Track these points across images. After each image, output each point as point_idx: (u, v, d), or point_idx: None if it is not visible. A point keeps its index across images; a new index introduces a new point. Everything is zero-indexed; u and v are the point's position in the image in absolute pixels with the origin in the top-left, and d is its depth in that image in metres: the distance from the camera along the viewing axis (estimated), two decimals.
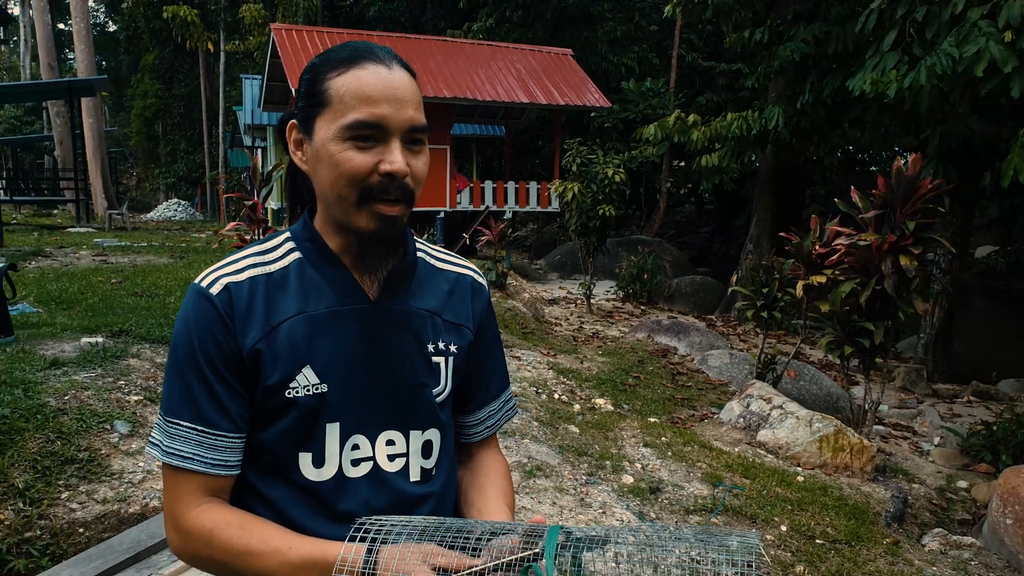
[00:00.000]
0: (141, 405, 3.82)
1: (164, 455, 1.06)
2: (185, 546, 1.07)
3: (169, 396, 1.07)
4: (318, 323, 1.09)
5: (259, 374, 1.07)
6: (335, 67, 1.06)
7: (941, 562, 3.84)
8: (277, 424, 1.08)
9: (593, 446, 4.79)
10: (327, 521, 1.10)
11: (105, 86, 19.19)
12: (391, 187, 1.05)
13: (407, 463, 1.16)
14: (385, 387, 1.13)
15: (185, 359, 1.06)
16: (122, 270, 7.85)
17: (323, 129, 1.05)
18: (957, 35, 6.39)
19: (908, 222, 4.88)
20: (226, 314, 1.06)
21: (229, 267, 1.11)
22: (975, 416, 6.93)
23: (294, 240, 1.15)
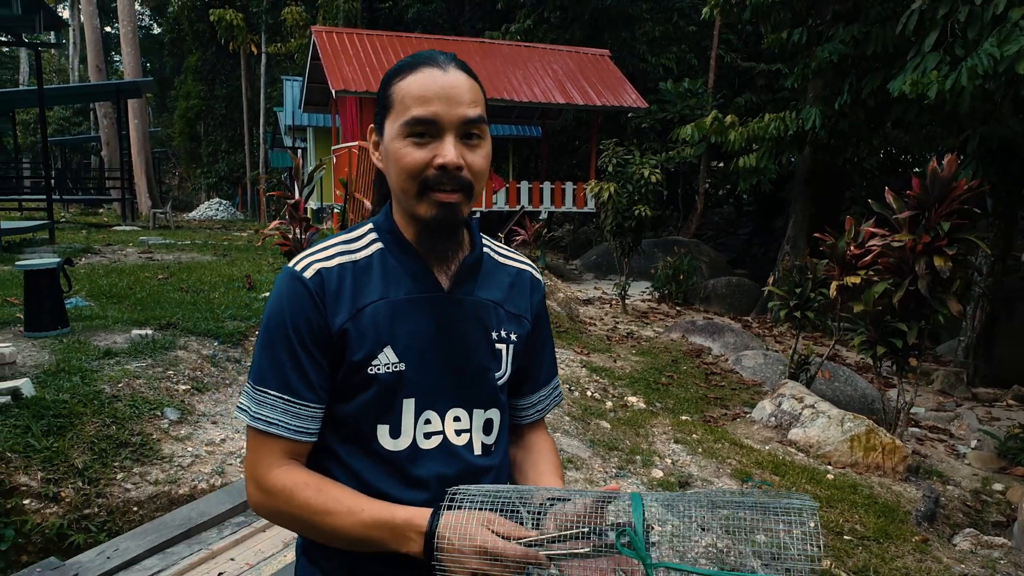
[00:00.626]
0: (189, 394, 3.99)
1: (251, 419, 1.16)
2: (265, 502, 1.17)
3: (259, 367, 1.17)
4: (398, 308, 1.20)
5: (345, 351, 1.17)
6: (399, 73, 1.19)
7: (970, 560, 3.84)
8: (359, 397, 1.19)
9: (624, 441, 4.87)
10: (402, 486, 1.20)
11: (150, 88, 19.68)
12: (445, 179, 1.14)
13: (471, 438, 1.26)
14: (454, 369, 1.24)
15: (277, 335, 1.16)
16: (168, 267, 8.11)
17: (389, 129, 1.18)
18: (999, 35, 6.34)
19: (942, 223, 4.87)
20: (318, 296, 1.16)
21: (320, 254, 1.21)
22: (1014, 420, 6.85)
23: (376, 231, 1.26)
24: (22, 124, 32.02)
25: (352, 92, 13.98)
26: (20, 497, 2.97)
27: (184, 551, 2.63)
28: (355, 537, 1.13)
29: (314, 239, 5.73)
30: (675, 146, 17.48)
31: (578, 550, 1.05)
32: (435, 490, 1.21)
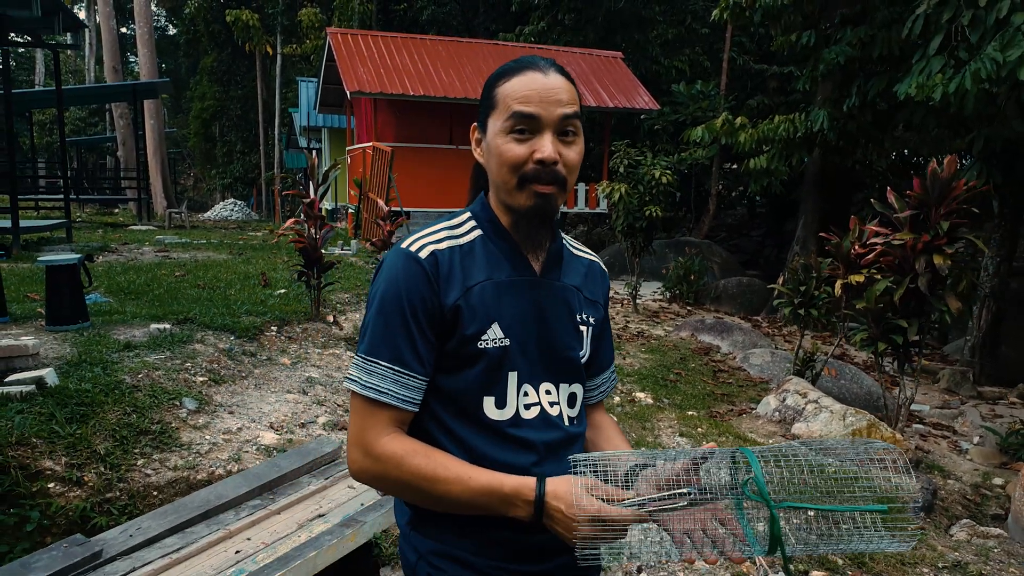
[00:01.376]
0: (206, 385, 4.14)
1: (363, 388, 1.25)
2: (372, 467, 1.25)
3: (372, 339, 1.26)
4: (501, 288, 1.31)
5: (458, 326, 1.27)
6: (503, 76, 1.31)
7: (964, 548, 3.93)
8: (469, 370, 1.28)
9: (630, 434, 4.98)
10: (511, 450, 1.29)
11: (166, 89, 19.93)
12: (543, 173, 1.25)
13: (560, 410, 1.36)
14: (547, 346, 1.35)
15: (392, 309, 1.25)
16: (184, 265, 8.28)
17: (492, 127, 1.30)
18: (1001, 39, 6.40)
19: (942, 222, 4.95)
20: (432, 275, 1.26)
21: (430, 237, 1.32)
22: (1017, 417, 6.90)
23: (475, 219, 1.37)
24: (38, 124, 32.43)
25: (367, 93, 14.15)
26: (45, 481, 3.11)
27: (203, 531, 2.76)
28: (462, 502, 1.22)
29: (329, 236, 5.87)
30: (687, 148, 17.54)
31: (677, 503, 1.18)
32: (542, 453, 1.32)
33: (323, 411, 4.19)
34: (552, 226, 1.39)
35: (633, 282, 12.00)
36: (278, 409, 4.09)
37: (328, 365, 5.05)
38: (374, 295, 1.29)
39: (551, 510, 1.18)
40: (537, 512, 1.18)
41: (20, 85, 39.81)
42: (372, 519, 2.88)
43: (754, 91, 22.02)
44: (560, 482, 1.19)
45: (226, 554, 2.60)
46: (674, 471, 1.22)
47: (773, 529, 1.15)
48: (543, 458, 1.32)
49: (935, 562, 3.73)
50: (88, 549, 2.49)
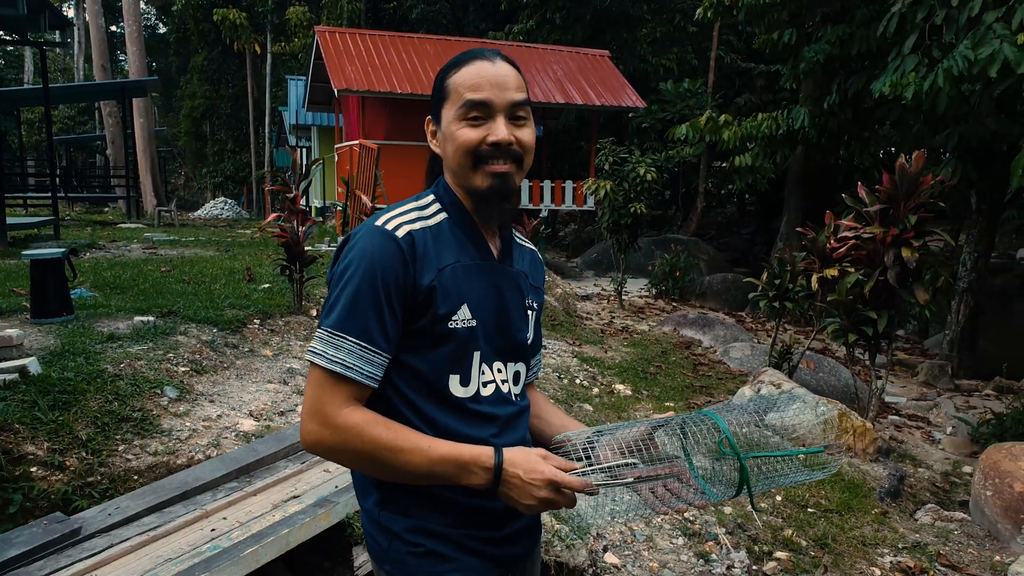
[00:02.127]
0: (188, 375, 4.22)
1: (328, 362, 1.27)
2: (331, 438, 1.27)
3: (341, 314, 1.27)
4: (469, 271, 1.37)
5: (431, 306, 1.31)
6: (453, 68, 1.38)
7: (926, 531, 4.05)
8: (439, 349, 1.34)
9: (604, 422, 5.08)
10: (474, 424, 1.37)
11: (156, 87, 19.94)
12: (498, 153, 1.34)
13: (509, 387, 1.45)
14: (503, 328, 1.42)
15: (365, 286, 1.27)
16: (171, 261, 8.35)
17: (446, 116, 1.36)
18: (973, 37, 6.53)
19: (910, 216, 5.07)
20: (409, 255, 1.30)
21: (403, 217, 1.36)
22: (990, 408, 7.04)
23: (440, 202, 1.43)
24: (27, 123, 32.32)
25: (354, 91, 14.21)
26: (27, 465, 3.19)
27: (180, 511, 2.85)
28: (421, 472, 1.27)
29: (312, 231, 5.96)
30: (675, 146, 17.66)
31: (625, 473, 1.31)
32: (501, 426, 1.41)
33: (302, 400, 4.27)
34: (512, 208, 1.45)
35: (619, 278, 12.12)
36: (258, 398, 4.18)
37: None
38: (344, 270, 1.30)
39: (508, 476, 1.25)
40: (495, 479, 1.26)
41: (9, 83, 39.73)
42: (345, 500, 2.98)
43: (742, 89, 22.17)
44: (516, 452, 1.28)
45: (202, 532, 2.69)
46: (632, 436, 1.36)
47: (743, 476, 1.29)
48: (502, 430, 1.41)
49: (896, 543, 3.85)
50: (67, 526, 2.58)
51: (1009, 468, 3.98)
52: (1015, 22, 6.25)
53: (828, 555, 3.66)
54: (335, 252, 1.37)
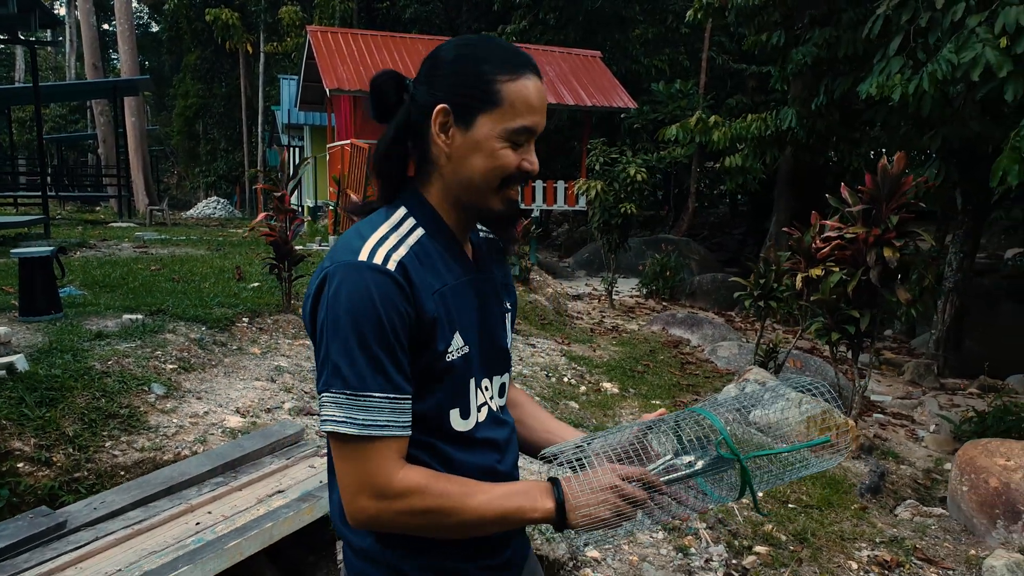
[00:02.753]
0: (176, 372, 4.26)
1: (360, 428, 1.12)
2: (393, 507, 1.14)
3: (355, 372, 1.11)
4: (455, 292, 1.24)
5: (432, 340, 1.18)
6: (504, 71, 1.20)
7: (904, 526, 4.11)
8: (436, 388, 1.21)
9: (590, 420, 5.14)
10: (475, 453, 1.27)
11: (148, 86, 19.93)
12: (523, 179, 1.24)
13: (496, 403, 1.36)
14: (490, 342, 1.32)
15: (372, 333, 1.11)
16: (161, 260, 8.38)
17: (488, 126, 1.19)
18: (956, 41, 6.61)
19: (892, 216, 5.14)
20: (407, 287, 1.15)
21: (384, 244, 1.19)
22: (972, 407, 7.12)
23: (414, 216, 1.26)
24: (18, 122, 32.22)
25: (346, 91, 14.25)
26: (15, 460, 3.23)
27: (165, 505, 2.89)
28: (494, 513, 1.16)
29: (300, 230, 5.99)
30: (666, 146, 17.74)
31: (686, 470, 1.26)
32: (502, 451, 1.33)
33: (290, 397, 4.32)
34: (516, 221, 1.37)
35: (609, 278, 12.18)
36: (245, 395, 4.22)
37: (297, 355, 5.18)
38: (336, 320, 1.12)
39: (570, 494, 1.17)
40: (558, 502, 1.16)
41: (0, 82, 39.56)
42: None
43: (733, 90, 22.28)
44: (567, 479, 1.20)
45: (187, 525, 2.73)
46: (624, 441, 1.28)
47: (745, 478, 1.24)
48: (503, 456, 1.33)
49: (874, 537, 3.91)
50: (53, 519, 2.62)
51: (985, 464, 4.05)
52: (997, 26, 6.33)
53: (807, 549, 3.72)
54: (309, 296, 1.19)
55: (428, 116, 1.22)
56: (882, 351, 10.68)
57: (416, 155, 1.28)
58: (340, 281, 1.14)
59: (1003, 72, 6.21)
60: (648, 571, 3.26)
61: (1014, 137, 6.18)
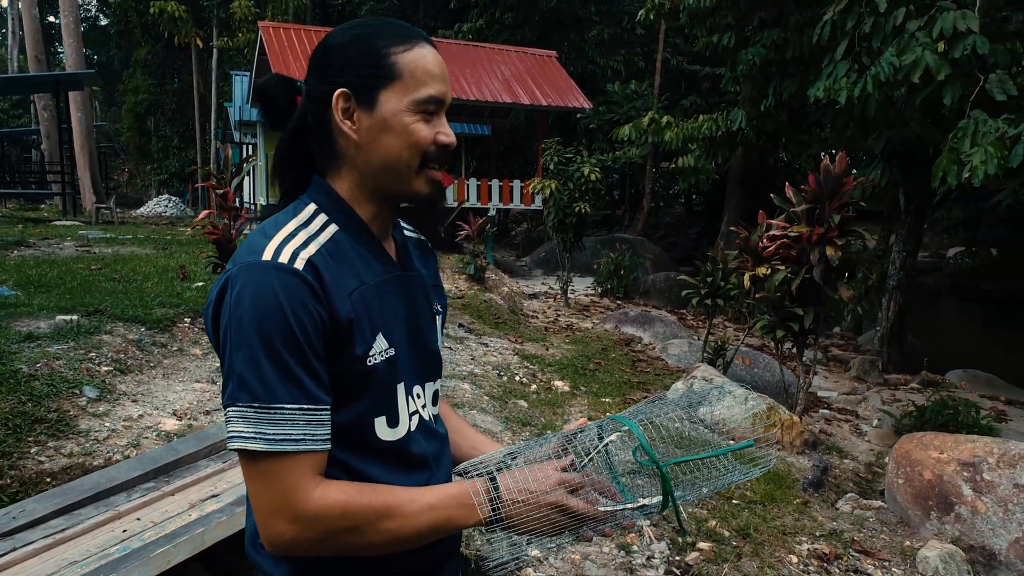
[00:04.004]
0: (111, 375, 4.14)
1: (270, 444, 1.02)
2: (312, 530, 1.04)
3: (263, 382, 1.02)
4: (375, 291, 1.15)
5: (349, 344, 1.09)
6: (398, 43, 1.14)
7: (843, 519, 4.19)
8: (359, 395, 1.12)
9: (539, 418, 5.14)
10: (403, 472, 1.17)
11: (92, 80, 19.43)
12: (443, 155, 1.17)
13: (429, 412, 1.27)
14: (419, 346, 1.24)
15: (281, 340, 1.02)
16: (103, 259, 8.16)
17: (392, 101, 1.12)
18: (898, 45, 6.76)
19: (834, 215, 5.23)
20: (319, 288, 1.06)
21: (292, 242, 1.10)
22: (912, 401, 7.29)
23: (324, 212, 1.17)
24: None
25: None
26: None
27: (91, 512, 2.79)
28: (423, 526, 1.08)
29: (244, 228, 5.89)
30: (622, 146, 17.86)
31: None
32: (432, 467, 1.23)
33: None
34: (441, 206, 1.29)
35: (564, 277, 12.22)
36: (184, 397, 4.12)
37: None
38: (240, 325, 1.03)
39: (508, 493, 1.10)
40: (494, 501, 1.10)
41: None
42: None
43: (688, 91, 22.53)
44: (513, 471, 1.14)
45: (112, 533, 2.64)
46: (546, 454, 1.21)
47: (665, 487, 1.18)
48: (434, 472, 1.24)
49: (814, 531, 3.96)
50: None
51: (919, 457, 4.14)
52: (935, 31, 6.48)
53: (749, 544, 3.76)
54: (211, 304, 1.09)
55: (328, 108, 1.15)
56: (830, 348, 10.89)
57: (322, 153, 1.20)
58: (243, 284, 1.04)
59: (941, 75, 6.36)
60: (590, 569, 3.26)
61: (952, 139, 6.33)
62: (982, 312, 15.26)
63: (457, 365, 6.41)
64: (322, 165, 1.20)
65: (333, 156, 1.19)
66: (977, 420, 6.11)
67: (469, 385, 5.50)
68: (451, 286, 10.12)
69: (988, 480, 3.84)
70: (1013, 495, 3.73)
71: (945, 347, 10.96)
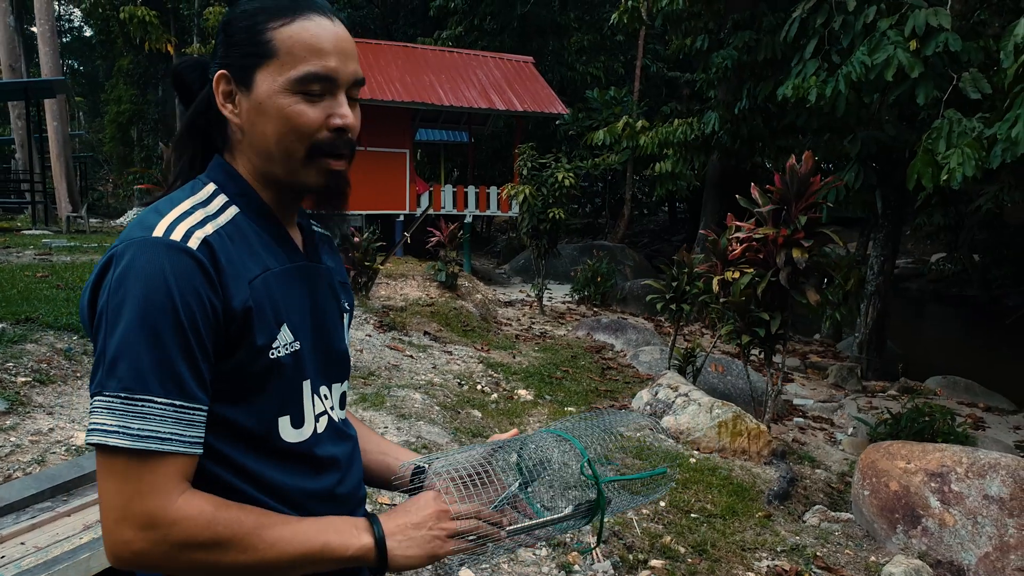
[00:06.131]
0: (28, 386, 3.89)
1: (134, 440, 0.89)
2: (167, 541, 0.91)
3: (135, 368, 0.90)
4: (280, 280, 1.05)
5: (249, 334, 0.99)
6: (277, 16, 1.02)
7: (808, 533, 3.97)
8: (261, 390, 1.02)
9: (493, 429, 4.91)
10: (311, 475, 1.08)
11: (64, 88, 19.13)
12: (339, 142, 1.04)
13: (337, 414, 1.17)
14: (325, 343, 1.14)
15: (164, 324, 0.91)
16: (55, 266, 7.89)
17: (268, 82, 1.01)
18: (869, 43, 6.61)
19: (800, 217, 5.04)
20: (212, 270, 0.95)
21: (187, 220, 0.99)
22: (890, 408, 7.10)
23: (225, 193, 1.06)
24: None
25: None
26: None
27: None
28: (297, 550, 0.97)
29: None
30: (601, 153, 17.71)
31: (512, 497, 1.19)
32: (343, 469, 1.14)
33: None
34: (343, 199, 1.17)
35: (539, 284, 12.01)
36: None
37: None
38: (120, 305, 0.91)
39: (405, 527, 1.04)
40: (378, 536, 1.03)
41: None
42: None
43: (668, 98, 22.45)
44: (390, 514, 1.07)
45: None
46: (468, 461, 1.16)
47: (599, 502, 1.20)
48: (344, 475, 1.14)
49: (775, 546, 3.75)
50: None
51: (885, 467, 3.93)
52: (907, 28, 6.34)
53: (705, 561, 3.54)
54: (89, 285, 0.96)
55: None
56: (808, 355, 10.72)
57: (221, 136, 1.10)
58: (129, 262, 0.92)
59: (915, 73, 6.21)
60: None
61: (926, 140, 6.19)
62: (964, 318, 15.16)
63: (416, 374, 6.18)
64: (222, 147, 1.11)
65: (227, 140, 1.10)
66: (952, 428, 5.93)
67: (420, 395, 5.27)
68: (421, 293, 9.90)
69: (956, 491, 3.64)
70: (982, 507, 3.53)
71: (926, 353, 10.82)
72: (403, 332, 7.79)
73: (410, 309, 8.86)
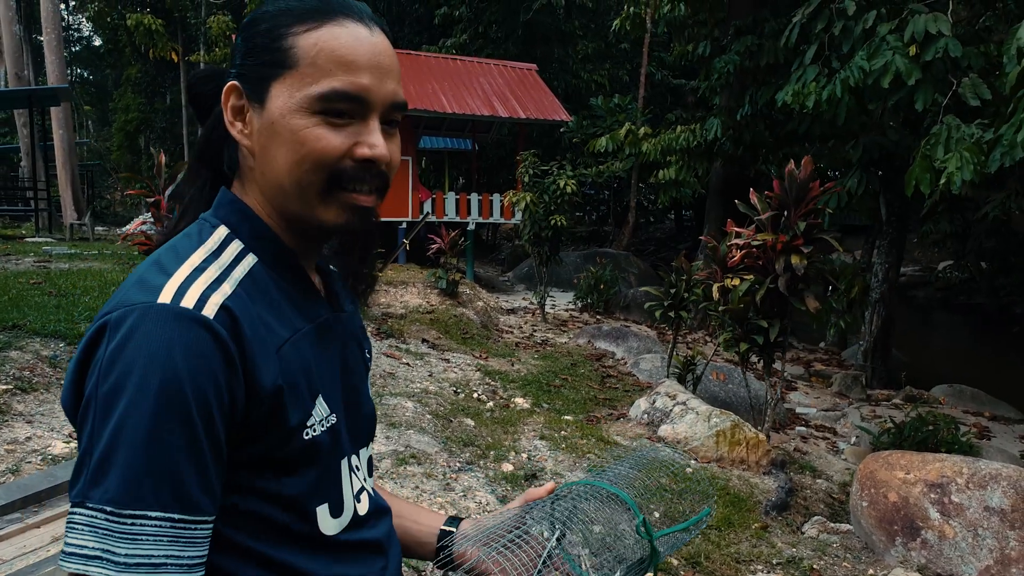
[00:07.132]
0: (9, 394, 3.83)
1: (120, 570, 0.71)
2: None
3: (127, 479, 0.71)
4: (309, 341, 0.88)
5: (279, 414, 0.81)
6: (302, 19, 0.84)
7: (806, 544, 3.87)
8: (294, 478, 0.84)
9: (485, 438, 4.83)
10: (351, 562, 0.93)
11: (69, 96, 19.21)
12: (367, 175, 0.86)
13: (368, 483, 1.01)
14: (356, 407, 0.97)
15: (169, 420, 0.72)
16: (50, 273, 7.86)
17: (283, 97, 0.83)
18: (868, 49, 6.53)
19: (799, 223, 4.96)
20: (235, 346, 0.77)
21: (202, 279, 0.80)
22: (894, 417, 6.99)
23: (239, 237, 0.88)
24: None
25: None
26: None
27: None
28: None
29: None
30: (604, 160, 17.65)
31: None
32: (387, 551, 0.99)
33: None
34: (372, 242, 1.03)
35: (541, 291, 11.93)
36: None
37: None
38: (111, 396, 0.73)
39: None
40: None
41: None
42: None
43: (673, 105, 22.39)
44: None
45: None
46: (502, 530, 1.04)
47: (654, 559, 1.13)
48: (388, 559, 0.99)
49: (771, 559, 3.65)
50: None
51: (884, 478, 3.83)
52: (907, 34, 6.26)
53: (699, 574, 3.45)
54: (75, 361, 0.77)
55: None
56: (813, 363, 10.60)
57: (231, 161, 0.93)
58: (127, 335, 0.73)
59: (912, 79, 6.13)
60: None
61: (924, 146, 6.09)
62: (971, 326, 15.00)
63: (411, 382, 6.10)
64: (231, 175, 0.93)
65: (238, 166, 0.91)
66: (956, 437, 5.81)
67: (412, 403, 5.19)
68: (421, 300, 9.83)
69: (956, 502, 3.53)
70: (983, 519, 3.43)
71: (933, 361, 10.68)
72: (401, 340, 7.72)
73: (409, 316, 8.80)
